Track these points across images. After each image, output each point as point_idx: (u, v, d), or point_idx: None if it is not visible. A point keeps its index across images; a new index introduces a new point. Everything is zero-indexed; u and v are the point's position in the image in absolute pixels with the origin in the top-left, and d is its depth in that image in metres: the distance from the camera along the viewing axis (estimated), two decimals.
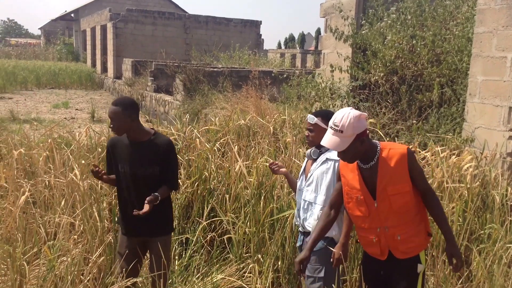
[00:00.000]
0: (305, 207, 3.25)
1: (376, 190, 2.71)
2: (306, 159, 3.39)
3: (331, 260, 2.98)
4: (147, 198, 3.09)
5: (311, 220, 3.17)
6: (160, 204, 3.20)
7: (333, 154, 3.11)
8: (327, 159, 3.16)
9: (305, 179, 3.30)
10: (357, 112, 2.63)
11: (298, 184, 3.38)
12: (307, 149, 3.83)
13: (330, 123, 2.66)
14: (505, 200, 4.40)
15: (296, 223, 3.41)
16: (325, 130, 2.98)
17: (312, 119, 3.17)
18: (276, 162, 3.61)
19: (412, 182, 2.69)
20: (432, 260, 3.72)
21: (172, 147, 3.32)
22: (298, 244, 3.43)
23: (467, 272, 3.91)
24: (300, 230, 3.36)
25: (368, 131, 2.74)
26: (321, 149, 3.21)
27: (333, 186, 3.07)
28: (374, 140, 2.79)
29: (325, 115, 3.13)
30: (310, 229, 3.16)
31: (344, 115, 2.61)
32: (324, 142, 2.69)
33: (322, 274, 3.06)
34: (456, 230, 3.98)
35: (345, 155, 2.69)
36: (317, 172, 3.18)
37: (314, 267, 3.10)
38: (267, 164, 3.61)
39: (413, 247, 2.76)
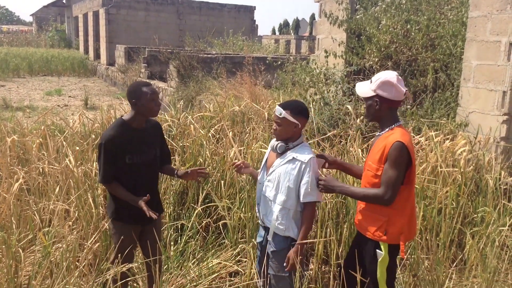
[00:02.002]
0: (265, 202, 3.13)
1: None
2: (268, 150, 3.20)
3: (284, 264, 3.00)
4: (183, 172, 3.37)
5: (271, 218, 3.07)
6: (157, 184, 3.42)
7: (302, 155, 2.97)
8: (294, 159, 2.97)
9: (267, 173, 3.14)
10: (392, 79, 2.72)
11: (259, 177, 3.21)
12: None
13: None
14: (498, 184, 4.44)
15: (257, 213, 3.30)
16: (294, 123, 2.96)
17: (280, 112, 2.95)
18: (240, 162, 3.31)
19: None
20: (426, 244, 3.75)
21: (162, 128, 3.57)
22: (258, 240, 3.32)
23: (462, 256, 3.95)
24: (261, 224, 3.26)
25: (392, 102, 2.77)
26: (288, 145, 3.02)
27: (296, 188, 2.97)
28: (398, 119, 2.86)
29: (295, 108, 2.98)
30: (270, 225, 3.10)
31: (383, 73, 2.80)
32: (358, 83, 2.90)
33: (286, 273, 3.03)
34: (450, 214, 4.01)
35: (366, 106, 2.88)
36: (281, 169, 3.01)
37: (278, 266, 3.07)
38: (233, 163, 3.36)
39: (366, 227, 2.89)
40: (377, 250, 2.83)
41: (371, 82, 2.79)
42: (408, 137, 2.77)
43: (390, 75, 2.74)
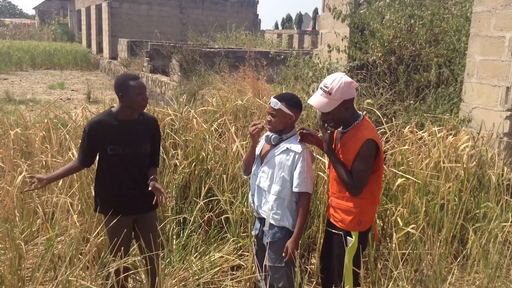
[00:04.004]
0: (259, 193, 3.17)
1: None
2: (262, 142, 3.24)
3: (283, 254, 3.04)
4: (152, 183, 3.14)
5: (266, 208, 3.11)
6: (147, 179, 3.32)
7: (295, 145, 3.04)
8: (288, 149, 3.03)
9: (261, 164, 3.18)
10: (348, 79, 2.77)
11: (253, 168, 3.25)
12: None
13: (321, 84, 2.80)
14: (501, 179, 4.43)
15: (251, 204, 3.32)
16: (289, 115, 3.03)
17: (275, 103, 3.01)
18: (262, 126, 3.20)
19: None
20: (428, 239, 3.75)
21: (158, 125, 3.42)
22: (254, 233, 3.34)
23: (465, 252, 3.95)
24: (256, 215, 3.31)
25: (354, 99, 2.88)
26: (282, 136, 3.08)
27: (290, 178, 3.02)
28: (359, 112, 2.94)
29: (290, 99, 3.05)
30: (264, 215, 3.13)
31: (336, 78, 2.76)
32: (312, 101, 2.84)
33: (282, 263, 3.07)
34: (452, 210, 4.01)
35: (327, 117, 2.87)
36: (275, 160, 3.06)
37: (274, 257, 3.10)
38: (253, 124, 3.24)
39: (340, 219, 2.97)
40: (347, 237, 2.94)
41: (329, 93, 2.76)
42: (374, 130, 2.89)
43: (345, 77, 2.77)
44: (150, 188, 3.15)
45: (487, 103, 5.18)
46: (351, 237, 2.92)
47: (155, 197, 3.17)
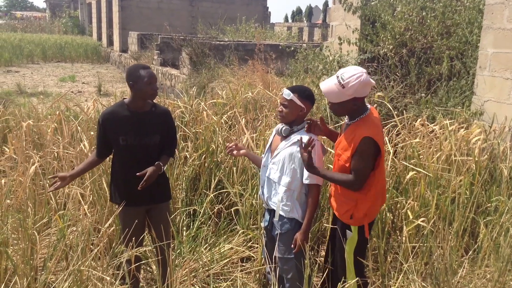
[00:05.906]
0: (269, 184, 3.18)
1: None
2: (273, 133, 3.25)
3: (292, 246, 3.05)
4: (150, 168, 3.14)
5: (275, 200, 3.12)
6: (162, 172, 3.33)
7: (307, 137, 3.00)
8: (299, 141, 2.99)
9: (271, 156, 3.19)
10: (367, 79, 2.72)
11: (263, 160, 3.27)
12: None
13: (339, 73, 2.75)
14: None
15: (261, 196, 3.32)
16: (300, 107, 3.04)
17: (288, 94, 3.02)
18: (233, 144, 3.35)
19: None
20: (439, 232, 3.74)
21: (172, 116, 3.42)
22: (264, 225, 3.35)
23: (476, 245, 3.93)
24: (265, 207, 3.32)
25: (365, 97, 2.84)
26: (292, 128, 3.08)
27: (301, 170, 3.01)
28: (367, 105, 2.90)
29: (302, 92, 3.05)
30: (274, 207, 3.14)
31: (355, 75, 2.70)
32: (323, 86, 2.81)
33: (292, 255, 3.08)
34: (463, 203, 3.98)
35: (333, 106, 2.87)
36: (286, 151, 3.06)
37: (283, 248, 3.11)
38: (226, 146, 3.38)
39: (337, 209, 3.00)
40: (347, 230, 2.96)
41: (342, 87, 2.69)
42: (375, 127, 2.80)
43: (363, 76, 2.69)
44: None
45: (499, 96, 5.13)
46: (350, 231, 2.94)
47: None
